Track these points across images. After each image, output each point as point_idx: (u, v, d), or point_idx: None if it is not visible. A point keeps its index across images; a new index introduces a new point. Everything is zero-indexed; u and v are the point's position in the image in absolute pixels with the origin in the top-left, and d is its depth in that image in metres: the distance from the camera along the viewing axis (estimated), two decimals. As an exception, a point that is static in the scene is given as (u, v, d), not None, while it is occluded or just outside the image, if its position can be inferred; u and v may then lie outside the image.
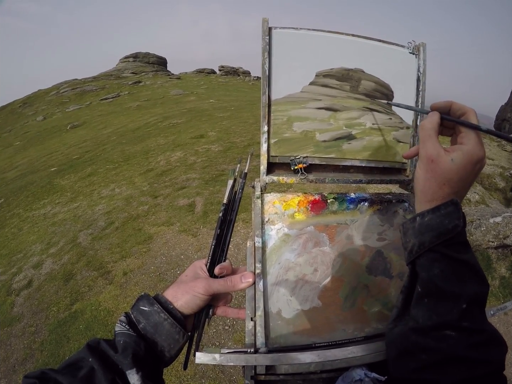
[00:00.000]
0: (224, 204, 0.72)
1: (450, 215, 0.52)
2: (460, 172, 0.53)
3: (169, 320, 0.58)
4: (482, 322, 0.50)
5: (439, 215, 0.53)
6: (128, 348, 0.52)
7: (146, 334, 0.57)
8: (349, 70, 0.84)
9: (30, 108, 38.64)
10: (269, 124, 0.79)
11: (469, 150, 0.53)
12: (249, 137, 9.56)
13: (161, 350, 0.58)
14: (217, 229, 0.71)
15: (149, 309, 0.58)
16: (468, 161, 0.53)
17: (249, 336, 0.61)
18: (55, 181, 8.96)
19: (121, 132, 14.81)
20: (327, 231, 0.77)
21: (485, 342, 0.48)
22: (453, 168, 0.53)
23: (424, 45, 0.89)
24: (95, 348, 0.53)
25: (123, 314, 0.59)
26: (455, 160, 0.53)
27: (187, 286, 0.63)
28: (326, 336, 0.68)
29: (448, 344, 0.48)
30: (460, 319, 0.48)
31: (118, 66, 56.34)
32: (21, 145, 21.57)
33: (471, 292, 0.49)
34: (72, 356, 0.52)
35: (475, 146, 0.53)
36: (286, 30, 0.80)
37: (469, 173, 0.53)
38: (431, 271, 0.52)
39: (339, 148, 0.84)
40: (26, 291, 4.61)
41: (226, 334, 3.35)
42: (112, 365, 0.51)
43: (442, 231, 0.52)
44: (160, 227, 5.38)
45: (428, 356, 0.49)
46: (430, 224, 0.53)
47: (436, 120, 0.57)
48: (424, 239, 0.54)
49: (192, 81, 42.66)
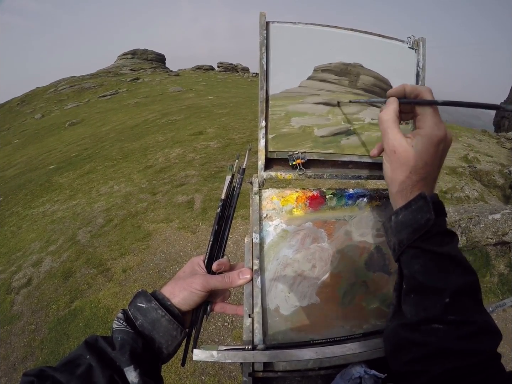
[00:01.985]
0: (222, 200, 0.71)
1: (421, 209, 0.51)
2: (423, 157, 0.53)
3: (166, 317, 0.57)
4: (471, 313, 0.49)
5: (411, 211, 0.53)
6: (126, 345, 0.52)
7: (143, 331, 0.57)
8: (347, 65, 0.83)
9: (28, 106, 38.55)
10: (267, 119, 0.78)
11: (427, 133, 0.53)
12: (248, 133, 9.56)
13: (159, 347, 0.58)
14: (215, 225, 0.70)
15: (147, 305, 0.58)
16: (429, 144, 0.53)
17: (247, 333, 0.61)
18: (54, 179, 8.95)
19: (120, 129, 14.79)
20: (325, 227, 0.77)
21: (474, 332, 0.47)
22: (415, 154, 0.53)
23: (424, 40, 0.89)
24: (93, 345, 0.53)
25: (120, 311, 0.58)
26: (415, 146, 0.53)
27: (185, 282, 0.62)
28: (324, 332, 0.68)
29: (437, 337, 0.48)
30: (445, 312, 0.48)
31: (117, 63, 56.18)
32: (19, 143, 21.53)
33: (455, 284, 0.49)
34: (70, 354, 0.51)
35: (433, 127, 0.53)
36: (283, 24, 0.79)
37: (433, 155, 0.53)
38: (412, 267, 0.52)
39: (337, 144, 0.83)
40: (25, 289, 4.61)
41: (225, 330, 3.36)
42: (110, 362, 0.51)
43: (416, 227, 0.52)
44: (159, 224, 5.38)
45: (418, 349, 0.49)
46: (404, 221, 0.53)
47: (392, 109, 0.57)
48: (401, 237, 0.54)
49: (191, 78, 42.57)
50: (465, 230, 4.23)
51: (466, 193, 6.23)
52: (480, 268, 3.92)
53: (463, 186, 6.52)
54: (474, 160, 8.24)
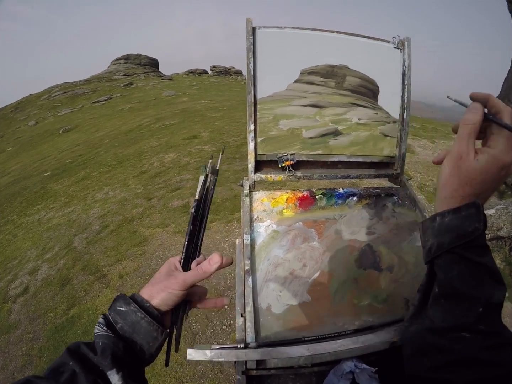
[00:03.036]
0: (196, 200, 0.72)
1: (471, 218, 0.51)
2: (483, 174, 0.52)
3: (146, 319, 0.58)
4: (498, 325, 0.50)
5: (460, 217, 0.52)
6: (107, 349, 0.53)
7: (124, 334, 0.57)
8: (333, 67, 0.84)
9: (21, 113, 38.30)
10: (256, 123, 0.79)
11: (496, 154, 0.52)
12: (242, 136, 9.55)
13: (140, 349, 0.58)
14: (190, 225, 0.70)
15: (126, 309, 0.59)
16: (493, 164, 0.52)
17: (240, 332, 0.62)
18: (49, 186, 8.89)
19: (114, 135, 14.73)
20: (315, 226, 0.78)
21: (500, 344, 0.48)
22: (476, 168, 0.52)
23: (409, 39, 0.90)
24: (75, 352, 0.53)
25: (101, 316, 0.59)
26: (479, 161, 0.52)
27: (162, 284, 0.62)
28: (316, 330, 0.69)
29: (463, 345, 0.48)
30: (477, 322, 0.48)
31: (110, 69, 56.01)
32: (13, 151, 21.38)
33: (488, 295, 0.49)
34: (54, 362, 0.52)
35: (503, 151, 0.52)
36: (270, 29, 0.80)
37: (493, 177, 0.53)
38: (449, 272, 0.52)
39: (326, 144, 0.85)
40: (22, 297, 4.58)
41: (223, 333, 3.35)
42: (92, 367, 0.51)
43: (461, 233, 0.51)
44: (155, 229, 5.36)
45: (443, 356, 0.49)
46: (450, 225, 0.53)
47: (479, 119, 0.54)
48: (443, 240, 0.53)
49: (184, 82, 42.49)
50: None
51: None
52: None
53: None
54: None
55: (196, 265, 0.67)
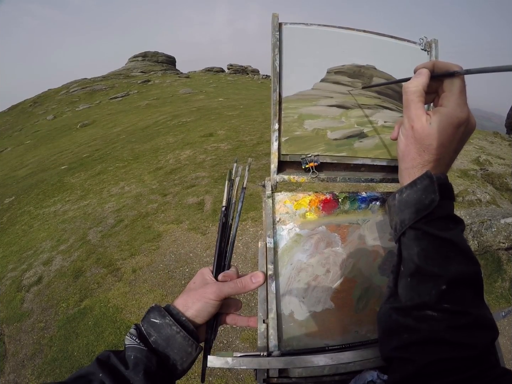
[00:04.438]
0: (224, 206, 0.70)
1: (427, 189, 0.49)
2: (440, 137, 0.49)
3: (181, 333, 0.56)
4: (468, 305, 0.47)
5: (416, 190, 0.50)
6: (140, 364, 0.51)
7: (157, 348, 0.55)
8: (361, 67, 0.82)
9: (40, 107, 39.11)
10: (280, 122, 0.77)
11: (449, 112, 0.49)
12: (258, 135, 9.55)
13: (173, 364, 0.56)
14: (219, 234, 0.69)
15: (161, 321, 0.56)
16: (448, 124, 0.49)
17: (262, 338, 0.60)
18: (65, 179, 9.06)
19: (131, 131, 14.91)
20: (339, 231, 0.76)
21: (468, 325, 0.45)
22: (431, 132, 0.49)
23: (436, 41, 0.87)
24: (105, 363, 0.52)
25: (133, 326, 0.57)
26: (433, 124, 0.49)
27: (197, 293, 0.61)
28: (339, 338, 0.67)
29: (429, 324, 0.46)
30: (440, 300, 0.46)
31: (127, 66, 56.72)
32: (31, 144, 21.84)
33: (454, 272, 0.46)
34: (82, 369, 0.51)
35: (456, 107, 0.49)
36: (296, 25, 0.78)
37: (451, 137, 0.50)
38: (411, 249, 0.50)
39: (350, 147, 0.82)
40: (36, 287, 4.67)
41: (234, 332, 3.35)
42: (123, 381, 0.50)
43: (419, 207, 0.49)
44: (169, 225, 5.41)
45: (409, 336, 0.47)
46: (408, 200, 0.51)
47: (421, 81, 0.51)
48: (404, 216, 0.52)
49: (201, 80, 42.78)
50: (477, 234, 4.16)
51: (477, 196, 6.12)
52: (491, 273, 3.86)
53: (475, 189, 6.41)
54: (486, 163, 8.11)
55: (223, 277, 0.65)
